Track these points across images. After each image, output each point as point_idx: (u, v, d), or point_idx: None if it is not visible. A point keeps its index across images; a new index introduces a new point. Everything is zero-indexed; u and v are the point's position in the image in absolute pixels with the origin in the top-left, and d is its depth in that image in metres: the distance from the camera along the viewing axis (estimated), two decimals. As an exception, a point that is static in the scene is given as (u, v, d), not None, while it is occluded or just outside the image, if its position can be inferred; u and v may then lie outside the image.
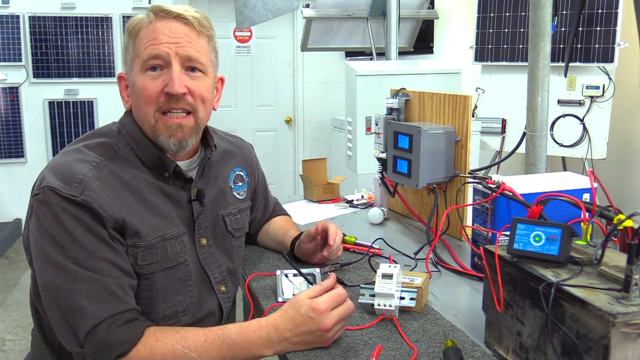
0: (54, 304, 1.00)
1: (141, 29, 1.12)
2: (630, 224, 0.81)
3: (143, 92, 1.10)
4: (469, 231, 1.43)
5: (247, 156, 1.41)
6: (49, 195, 1.01)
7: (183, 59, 1.11)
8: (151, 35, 1.10)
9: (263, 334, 1.00)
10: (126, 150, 1.13)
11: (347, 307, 1.02)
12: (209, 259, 1.21)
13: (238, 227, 1.31)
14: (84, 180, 1.03)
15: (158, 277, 1.10)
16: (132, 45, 1.13)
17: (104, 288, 0.99)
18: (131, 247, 1.07)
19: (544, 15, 2.11)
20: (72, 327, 0.98)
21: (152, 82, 1.10)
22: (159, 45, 1.09)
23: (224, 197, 1.28)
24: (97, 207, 1.01)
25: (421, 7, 3.73)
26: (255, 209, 1.48)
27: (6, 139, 4.84)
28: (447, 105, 1.58)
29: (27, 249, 1.09)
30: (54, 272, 1.00)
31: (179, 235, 1.14)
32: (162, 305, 1.11)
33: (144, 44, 1.10)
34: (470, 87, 3.62)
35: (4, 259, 4.38)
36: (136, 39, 1.12)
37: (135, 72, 1.12)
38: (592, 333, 0.74)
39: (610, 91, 3.11)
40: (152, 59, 1.09)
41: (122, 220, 1.05)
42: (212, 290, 1.21)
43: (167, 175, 1.15)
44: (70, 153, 1.10)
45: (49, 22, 4.78)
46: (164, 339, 0.99)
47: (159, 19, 1.12)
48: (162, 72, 1.10)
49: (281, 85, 5.40)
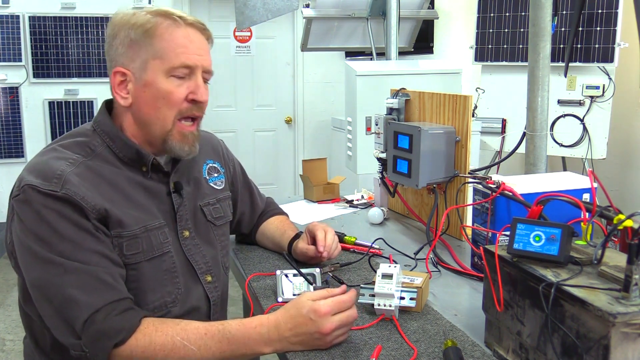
0: (46, 299, 1.00)
1: (165, 30, 1.11)
2: (630, 224, 0.81)
3: (169, 96, 1.12)
4: (469, 231, 1.43)
5: (216, 148, 1.42)
6: (29, 193, 1.02)
7: (205, 70, 1.16)
8: (182, 42, 1.12)
9: (263, 331, 1.00)
10: (102, 148, 1.14)
11: (349, 314, 1.01)
12: (192, 250, 1.22)
13: (218, 216, 1.32)
14: (63, 176, 1.04)
15: (145, 267, 1.11)
16: (149, 44, 1.11)
17: (95, 277, 1.00)
18: (116, 238, 1.07)
19: (544, 15, 2.11)
20: (67, 319, 0.98)
21: (178, 88, 1.12)
22: (191, 55, 1.12)
23: (199, 188, 1.30)
24: (79, 199, 1.02)
25: (421, 7, 3.73)
26: (240, 204, 1.49)
27: (6, 139, 4.84)
28: (447, 105, 1.58)
29: (11, 254, 1.09)
30: (42, 268, 1.00)
31: (160, 227, 1.15)
32: (151, 296, 1.12)
33: (174, 50, 1.11)
34: (470, 87, 3.62)
35: (3, 259, 4.38)
36: (156, 39, 1.11)
37: (154, 74, 1.11)
38: (592, 333, 0.74)
39: (610, 91, 3.11)
40: (183, 68, 1.12)
41: (104, 211, 1.05)
42: (197, 280, 1.22)
43: (145, 169, 1.17)
44: (46, 153, 1.11)
45: (49, 22, 4.78)
46: (163, 329, 0.99)
47: (187, 25, 1.13)
48: (185, 80, 1.13)
49: (281, 85, 5.40)
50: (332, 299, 1.01)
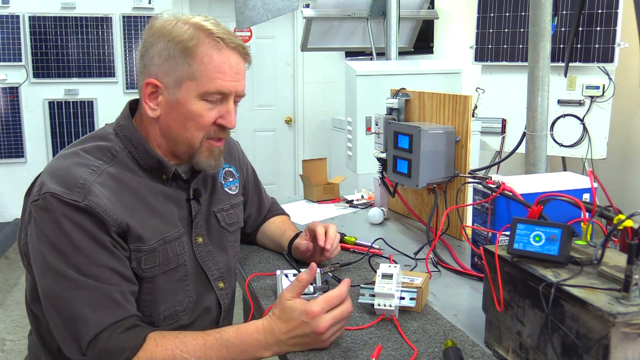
0: (55, 311, 1.00)
1: (205, 50, 1.08)
2: (630, 224, 0.81)
3: (199, 119, 1.11)
4: (469, 231, 1.43)
5: (233, 151, 1.42)
6: (50, 201, 1.00)
7: (239, 95, 1.15)
8: (219, 67, 1.09)
9: (260, 337, 1.00)
10: (124, 154, 1.13)
11: (343, 309, 1.00)
12: (206, 256, 1.22)
13: (232, 222, 1.31)
14: (86, 185, 1.02)
15: (160, 279, 1.11)
16: (186, 63, 1.08)
17: (105, 296, 0.99)
18: (134, 252, 1.07)
19: (544, 15, 2.11)
20: (74, 335, 0.98)
21: (209, 112, 1.12)
22: (227, 82, 1.10)
23: (215, 194, 1.29)
24: (102, 212, 1.01)
25: (421, 7, 3.73)
26: (248, 206, 1.49)
27: (6, 139, 4.84)
28: (447, 105, 1.58)
29: (25, 254, 1.09)
30: (54, 280, 0.99)
31: (179, 237, 1.15)
32: (163, 306, 1.12)
33: (210, 74, 1.08)
34: (470, 87, 3.62)
35: (4, 259, 4.38)
36: (195, 59, 1.08)
37: (187, 94, 1.09)
38: (592, 333, 0.74)
39: (610, 91, 3.11)
40: (217, 94, 1.11)
41: (125, 225, 1.04)
42: (210, 287, 1.22)
43: (165, 177, 1.16)
44: (67, 157, 1.09)
45: (49, 22, 4.78)
46: (163, 344, 0.99)
47: (227, 47, 1.10)
48: (217, 103, 1.12)
49: (281, 85, 5.40)
50: (322, 298, 0.99)
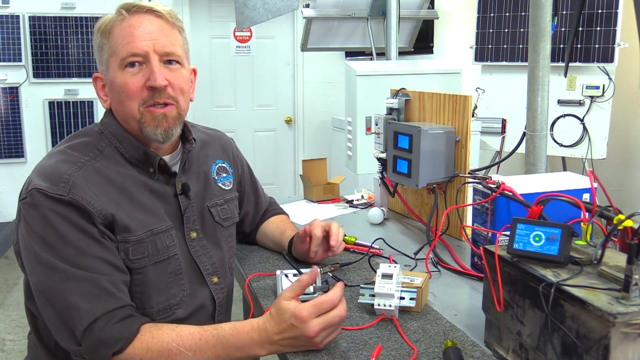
0: (48, 304, 1.01)
1: (114, 27, 1.13)
2: (630, 224, 0.81)
3: (125, 88, 1.12)
4: (469, 231, 1.43)
5: (226, 147, 1.42)
6: (37, 197, 1.02)
7: (161, 53, 1.13)
8: (127, 33, 1.12)
9: (255, 336, 1.00)
10: (110, 149, 1.14)
11: (334, 314, 0.98)
12: (199, 251, 1.22)
13: (226, 217, 1.32)
14: (71, 180, 1.04)
15: (149, 270, 1.11)
16: (106, 44, 1.14)
17: (97, 285, 1.00)
18: (122, 243, 1.07)
19: (544, 15, 2.11)
20: (68, 326, 0.99)
21: (133, 77, 1.11)
22: (136, 43, 1.11)
23: (208, 189, 1.29)
24: (86, 204, 1.03)
25: (421, 7, 3.73)
26: (245, 203, 1.49)
27: (6, 139, 4.84)
28: (447, 105, 1.58)
29: (18, 254, 1.10)
30: (45, 273, 1.00)
31: (167, 230, 1.15)
32: (156, 299, 1.12)
33: (120, 42, 1.11)
34: (470, 87, 3.62)
35: (4, 259, 4.38)
36: (110, 37, 1.13)
37: (113, 70, 1.13)
38: (592, 333, 0.74)
39: (610, 91, 3.11)
40: (131, 57, 1.11)
41: (111, 216, 1.06)
42: (203, 282, 1.22)
43: (152, 170, 1.17)
44: (54, 155, 1.11)
45: (49, 22, 4.78)
46: (159, 336, 1.00)
47: (131, 14, 1.13)
48: (142, 67, 1.12)
49: (281, 85, 5.40)
50: (311, 303, 0.98)
